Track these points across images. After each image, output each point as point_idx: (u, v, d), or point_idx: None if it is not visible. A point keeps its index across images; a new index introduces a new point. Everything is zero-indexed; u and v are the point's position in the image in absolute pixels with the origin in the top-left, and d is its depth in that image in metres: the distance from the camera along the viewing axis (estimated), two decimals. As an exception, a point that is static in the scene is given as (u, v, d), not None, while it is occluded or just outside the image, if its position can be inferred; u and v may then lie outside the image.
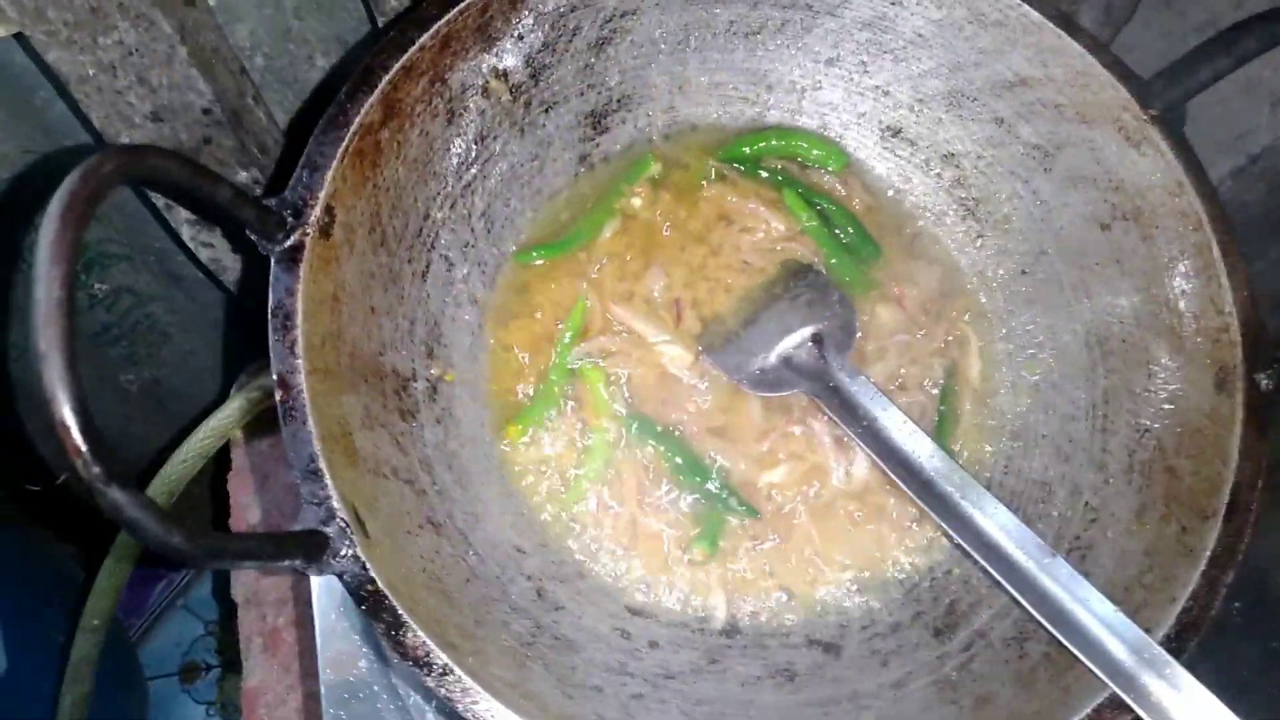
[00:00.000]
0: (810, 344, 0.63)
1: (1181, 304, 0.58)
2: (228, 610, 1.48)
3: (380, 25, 0.78)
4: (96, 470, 0.36)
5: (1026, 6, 0.61)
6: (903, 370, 0.66)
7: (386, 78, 0.56)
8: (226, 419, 0.96)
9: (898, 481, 0.58)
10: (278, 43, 0.88)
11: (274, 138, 0.85)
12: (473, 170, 0.63)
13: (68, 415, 0.35)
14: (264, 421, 0.96)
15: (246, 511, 0.98)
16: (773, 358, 0.64)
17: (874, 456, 0.59)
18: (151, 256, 1.14)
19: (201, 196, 0.47)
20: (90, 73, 0.67)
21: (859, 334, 0.65)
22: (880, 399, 0.60)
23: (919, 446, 0.58)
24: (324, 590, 0.66)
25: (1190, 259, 0.58)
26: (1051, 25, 0.61)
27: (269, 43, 0.87)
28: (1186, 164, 0.58)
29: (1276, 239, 1.03)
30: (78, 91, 0.69)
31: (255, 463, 1.01)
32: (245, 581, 0.90)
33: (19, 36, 0.73)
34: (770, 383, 0.63)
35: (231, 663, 1.41)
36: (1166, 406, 0.57)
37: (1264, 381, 0.54)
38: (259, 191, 0.82)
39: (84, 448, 0.35)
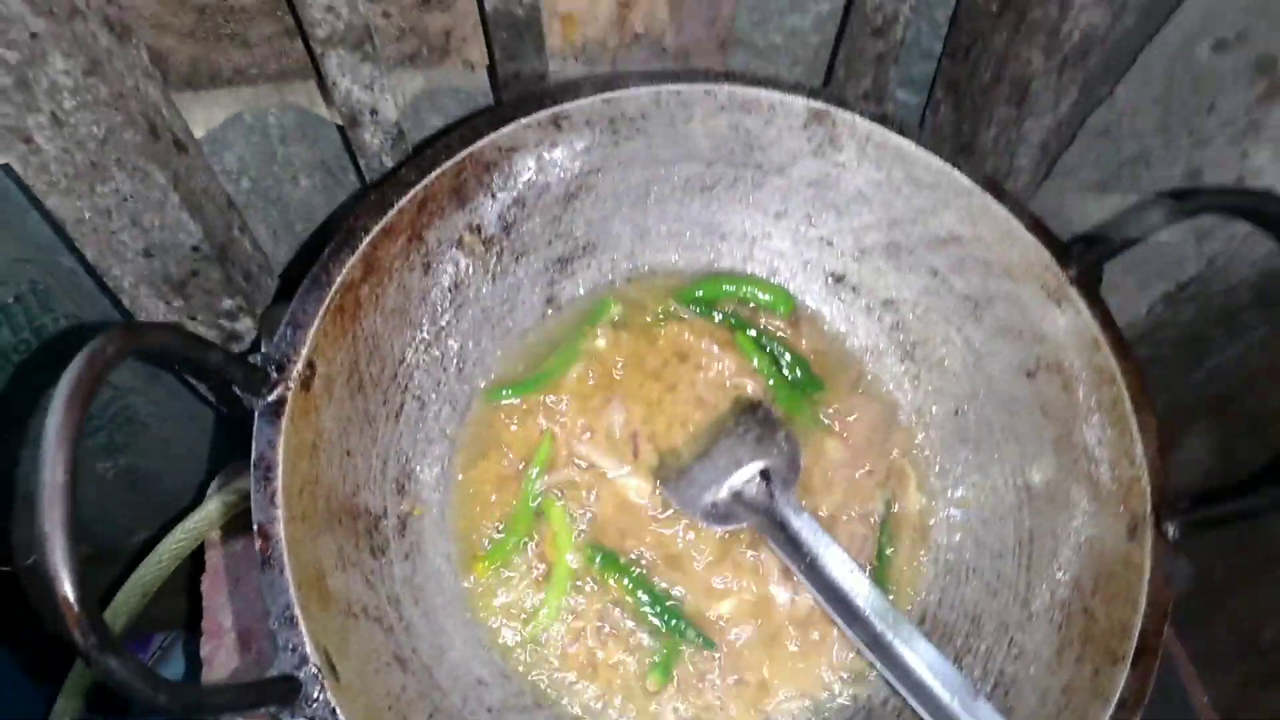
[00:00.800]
0: (759, 479, 0.68)
1: (1098, 452, 0.63)
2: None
3: (359, 161, 0.83)
4: (93, 640, 0.40)
5: (956, 172, 0.67)
6: (846, 502, 0.71)
7: (367, 239, 0.60)
8: (201, 522, 0.99)
9: (835, 618, 0.62)
10: (264, 166, 0.92)
11: (258, 263, 0.89)
12: (446, 316, 0.68)
13: (70, 593, 0.39)
14: (239, 524, 0.99)
15: (219, 613, 1.00)
16: (723, 491, 0.68)
17: (814, 592, 0.63)
18: (138, 358, 1.18)
19: (195, 362, 0.51)
20: (86, 216, 0.72)
21: (804, 468, 0.70)
22: (822, 536, 0.64)
23: (856, 585, 0.62)
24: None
25: (1105, 411, 0.63)
26: (979, 189, 0.67)
27: (255, 166, 0.92)
28: (1103, 322, 0.63)
29: (1204, 353, 1.09)
30: (74, 232, 0.73)
31: (229, 565, 1.02)
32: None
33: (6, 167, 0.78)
34: (721, 516, 0.67)
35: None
36: (1085, 550, 0.62)
37: (1171, 532, 0.58)
38: (243, 317, 0.86)
39: (83, 621, 0.39)
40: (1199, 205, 0.60)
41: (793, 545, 0.64)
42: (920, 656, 0.59)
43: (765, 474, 0.68)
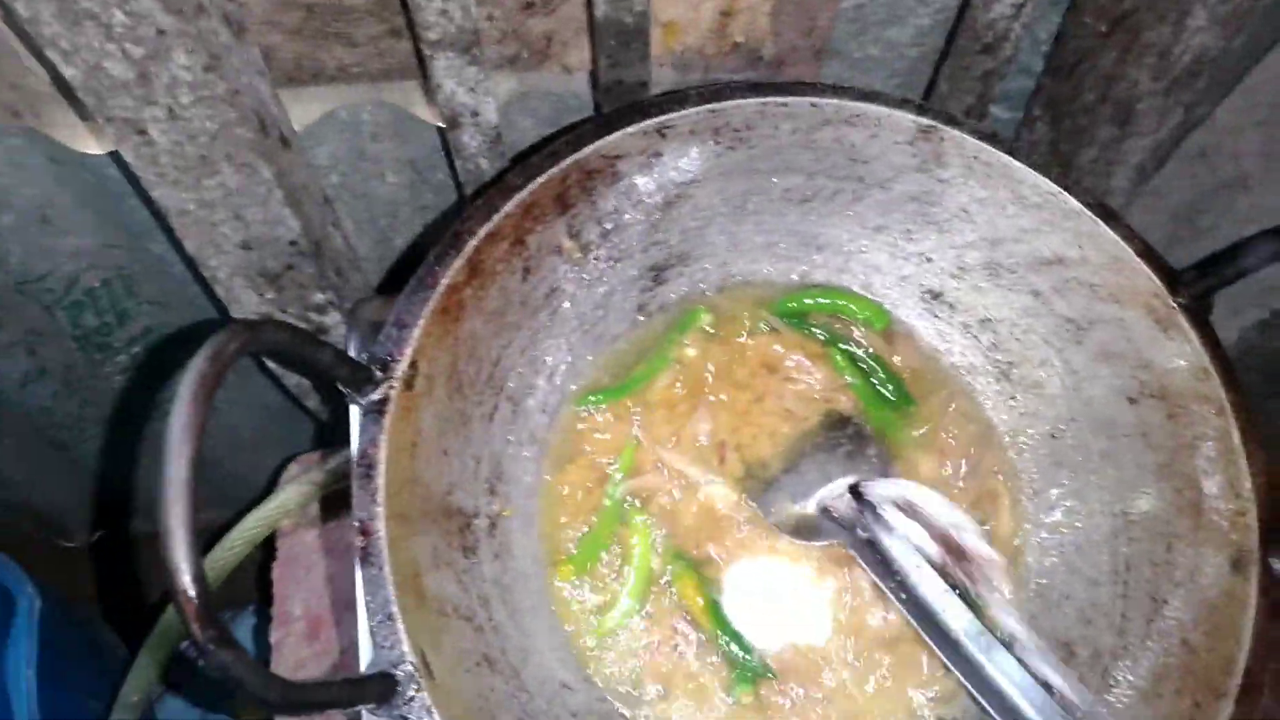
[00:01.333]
0: (848, 495, 0.67)
1: (1202, 483, 0.62)
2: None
3: (454, 162, 0.84)
4: (210, 633, 0.41)
5: (1065, 195, 0.66)
6: (936, 522, 0.70)
7: (473, 242, 0.61)
8: (276, 510, 1.01)
9: (926, 638, 0.61)
10: (353, 162, 0.94)
11: (348, 259, 0.91)
12: (542, 320, 0.68)
13: (189, 587, 0.40)
14: (310, 513, 1.01)
15: (289, 602, 1.02)
16: (811, 506, 0.67)
17: (904, 612, 0.62)
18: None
19: (306, 360, 0.52)
20: (191, 208, 0.73)
21: (895, 486, 0.69)
22: (914, 556, 0.63)
23: (949, 605, 0.61)
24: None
25: (1212, 441, 0.61)
26: (1089, 213, 0.65)
27: (346, 162, 0.93)
28: (1212, 352, 0.62)
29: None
30: (176, 223, 0.75)
31: (299, 554, 1.04)
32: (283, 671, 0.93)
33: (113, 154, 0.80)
34: (808, 531, 0.67)
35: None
36: (1186, 582, 0.61)
37: (1278, 566, 0.57)
38: (331, 311, 0.88)
39: (201, 616, 0.40)
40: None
41: (883, 564, 0.64)
42: (1011, 680, 0.58)
43: (855, 490, 0.67)
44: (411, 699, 0.50)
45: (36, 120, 0.81)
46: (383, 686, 0.50)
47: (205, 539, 0.98)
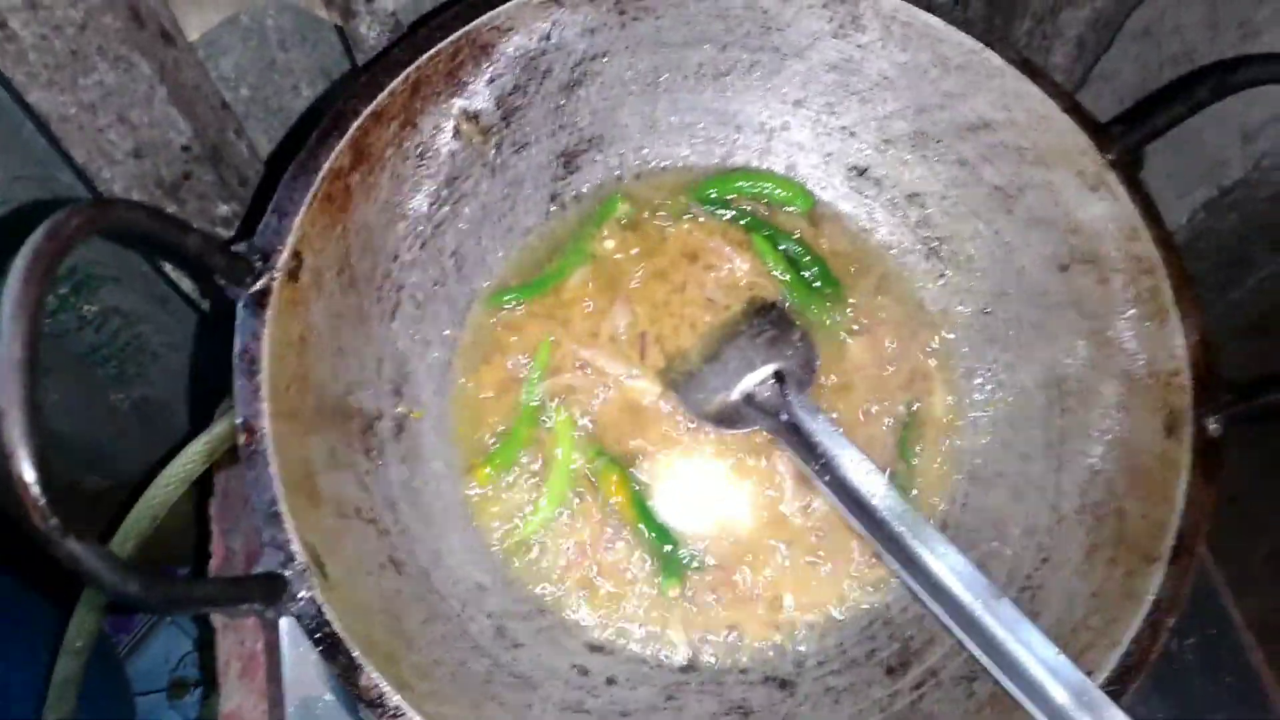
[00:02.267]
0: (772, 381, 0.64)
1: (1134, 347, 0.59)
2: (209, 629, 1.49)
3: (357, 62, 0.80)
4: (54, 523, 0.37)
5: (989, 51, 0.62)
6: (867, 405, 0.67)
7: (356, 123, 0.57)
8: (209, 443, 0.97)
9: (851, 520, 0.59)
10: (263, 74, 0.89)
11: (255, 170, 0.86)
12: (443, 210, 0.64)
13: (26, 471, 0.36)
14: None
15: (228, 537, 0.99)
16: (734, 394, 0.65)
17: (830, 494, 0.60)
18: (138, 279, 1.16)
19: (170, 245, 0.48)
20: (71, 112, 0.69)
21: (820, 370, 0.66)
22: (838, 437, 0.61)
23: (874, 486, 0.59)
24: (290, 623, 0.67)
25: (1144, 304, 0.59)
26: (1013, 70, 0.62)
27: (253, 74, 0.88)
28: (1143, 209, 0.59)
29: (1247, 268, 1.05)
30: (59, 130, 0.70)
31: (236, 488, 1.01)
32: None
33: (2, 76, 0.75)
34: (731, 419, 0.64)
35: (213, 682, 1.42)
36: (1118, 449, 0.58)
37: (1212, 426, 0.55)
38: (237, 225, 0.83)
39: (42, 503, 0.36)
40: (1251, 76, 0.55)
41: (807, 448, 0.61)
42: (941, 559, 0.56)
43: (779, 376, 0.64)
44: (300, 599, 0.47)
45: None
46: (269, 586, 0.47)
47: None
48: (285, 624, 0.67)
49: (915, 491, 0.65)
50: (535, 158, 0.68)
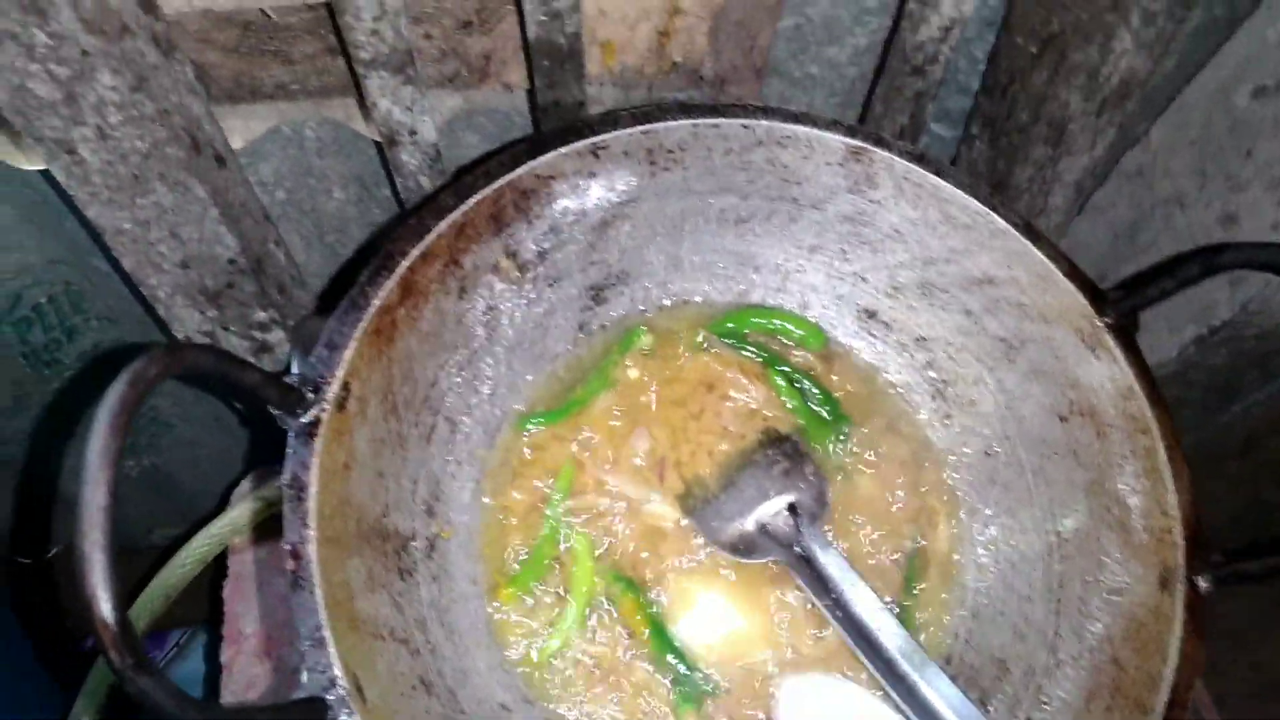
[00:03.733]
0: (785, 513, 0.68)
1: (1130, 501, 0.62)
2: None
3: (395, 182, 0.84)
4: (129, 662, 0.40)
5: (993, 214, 0.66)
6: (873, 539, 0.71)
7: (405, 263, 0.61)
8: (226, 527, 1.00)
9: (859, 655, 0.61)
10: (299, 179, 0.93)
11: (291, 275, 0.90)
12: (480, 340, 0.68)
13: (108, 615, 0.39)
14: (262, 530, 1.00)
15: (241, 620, 1.00)
16: (749, 524, 0.68)
17: (840, 629, 0.63)
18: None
19: (233, 383, 0.52)
20: (126, 227, 0.73)
21: (831, 505, 0.69)
22: (850, 574, 0.64)
23: (883, 623, 0.62)
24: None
25: (1139, 460, 0.62)
26: (1016, 233, 0.66)
27: (290, 179, 0.93)
28: (1137, 371, 0.63)
29: (1235, 394, 1.09)
30: (112, 241, 0.74)
31: (252, 570, 1.03)
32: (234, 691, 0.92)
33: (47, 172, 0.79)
34: (746, 549, 0.67)
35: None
36: (1115, 599, 0.62)
37: (1204, 585, 0.58)
38: (275, 329, 0.87)
39: (119, 643, 0.39)
40: (1232, 260, 0.60)
41: (819, 581, 0.64)
42: (944, 698, 0.59)
43: (793, 508, 0.67)
44: (341, 726, 0.50)
45: (-27, 137, 0.80)
46: (312, 711, 0.50)
47: (159, 556, 0.97)
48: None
49: (919, 628, 0.68)
50: (567, 290, 0.72)
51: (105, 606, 0.39)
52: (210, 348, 0.50)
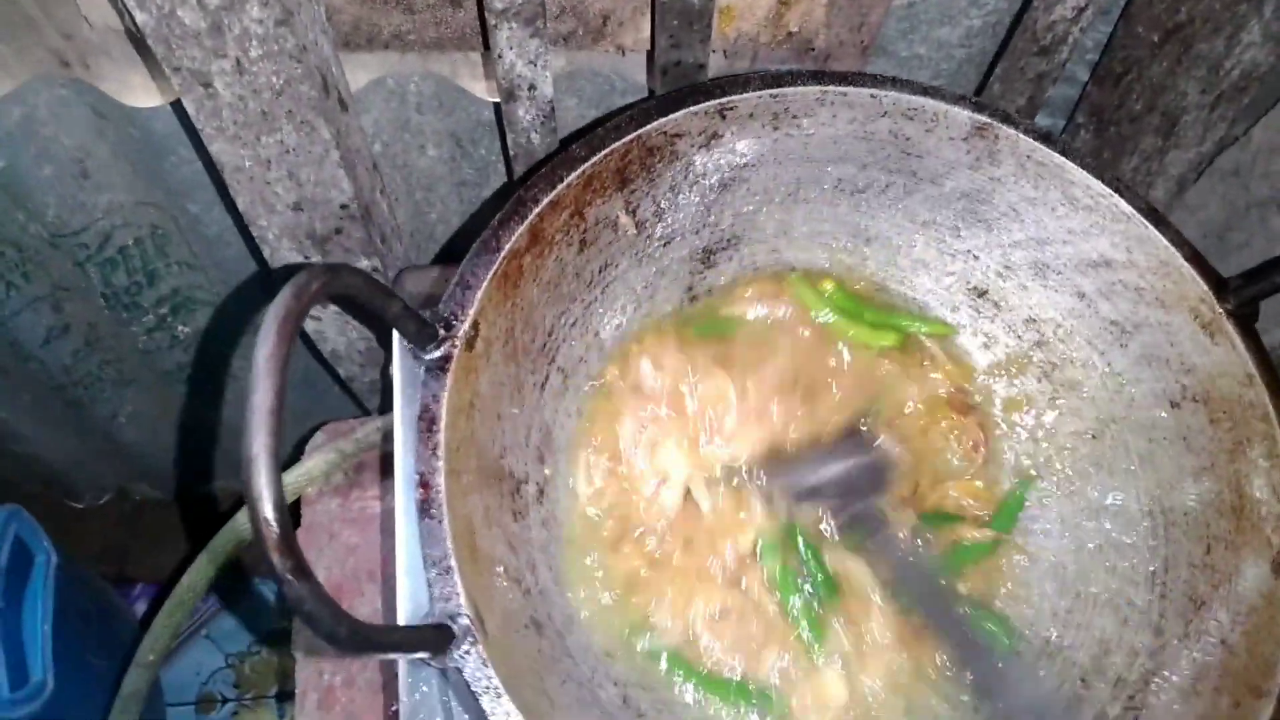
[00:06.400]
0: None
1: (1244, 488, 0.62)
2: (251, 646, 1.51)
3: (507, 137, 0.84)
4: (290, 563, 0.41)
5: (1117, 197, 0.67)
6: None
7: (536, 210, 0.61)
8: (302, 477, 1.01)
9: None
10: (396, 132, 0.94)
11: (391, 227, 0.91)
12: (594, 293, 0.69)
13: (271, 515, 0.40)
14: (334, 483, 1.01)
15: (313, 568, 1.02)
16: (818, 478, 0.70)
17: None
18: (240, 307, 1.20)
19: (377, 309, 0.53)
20: (246, 165, 0.73)
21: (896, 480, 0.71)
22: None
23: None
24: (408, 667, 0.70)
25: (1255, 446, 0.62)
26: (1140, 216, 0.66)
27: (388, 132, 0.94)
28: (1258, 359, 0.63)
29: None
30: (231, 179, 0.75)
31: (323, 522, 1.04)
32: (306, 634, 0.93)
33: (170, 105, 0.80)
34: (811, 495, 0.69)
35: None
36: (1224, 583, 0.62)
37: (1319, 572, 0.58)
38: (379, 276, 0.88)
39: (281, 544, 0.40)
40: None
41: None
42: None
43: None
44: (467, 652, 0.51)
45: (85, 71, 0.81)
46: (440, 636, 0.50)
47: (230, 505, 0.98)
48: (403, 668, 0.70)
49: (1019, 611, 0.68)
50: (679, 251, 0.72)
51: (269, 507, 0.40)
52: (363, 273, 0.51)
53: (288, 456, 1.13)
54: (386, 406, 1.04)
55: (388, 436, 0.98)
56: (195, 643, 1.54)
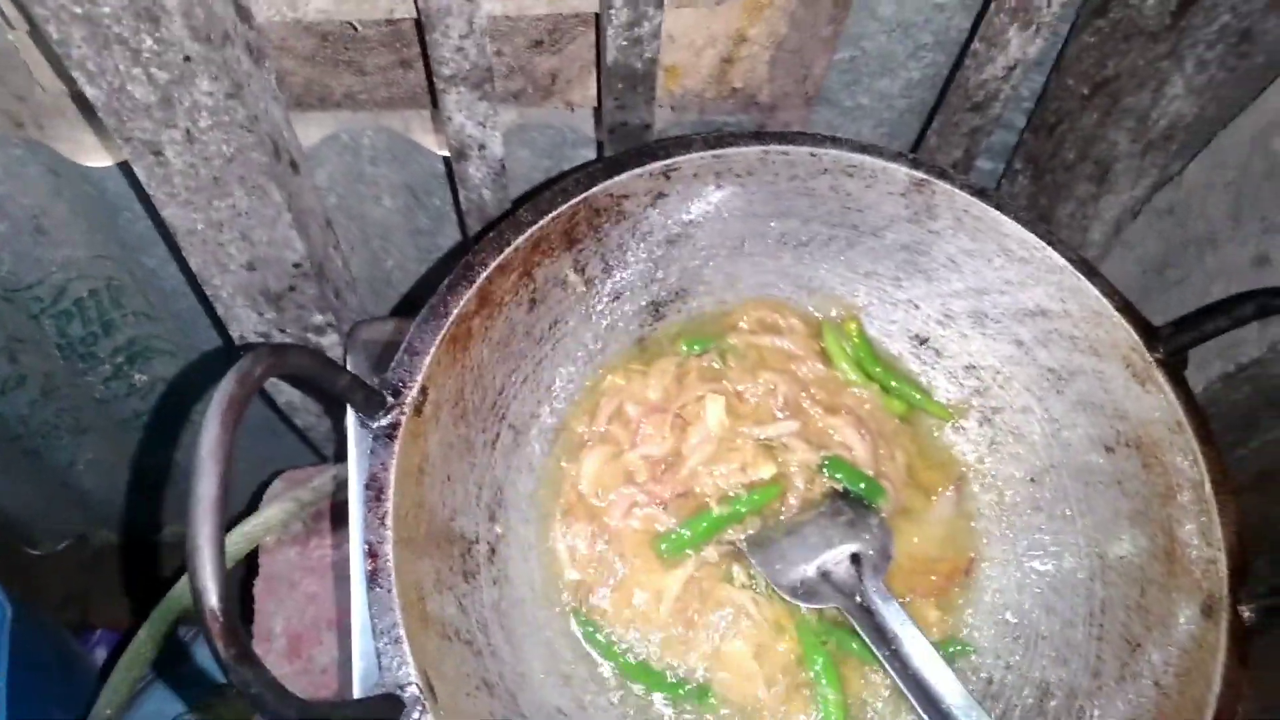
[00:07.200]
0: (848, 562, 0.69)
1: (1175, 531, 0.64)
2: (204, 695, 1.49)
3: (459, 194, 0.86)
4: (233, 652, 0.42)
5: (1050, 250, 0.69)
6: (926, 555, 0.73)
7: (484, 274, 0.62)
8: (259, 526, 1.01)
9: (916, 707, 0.63)
10: (350, 185, 0.95)
11: (346, 280, 0.92)
12: (545, 349, 0.70)
13: (216, 605, 0.41)
14: (292, 532, 1.02)
15: (270, 619, 1.02)
16: (812, 570, 0.69)
17: (897, 679, 0.64)
18: (196, 356, 1.20)
19: (324, 384, 0.54)
20: (199, 228, 0.74)
21: (894, 559, 0.70)
22: (910, 626, 0.65)
23: (942, 677, 0.63)
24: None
25: (1185, 492, 0.64)
26: (1072, 268, 0.68)
27: (342, 184, 0.95)
28: (1187, 406, 0.65)
29: (1253, 430, 1.11)
30: (184, 241, 0.76)
31: (283, 571, 1.05)
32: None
33: (121, 165, 0.80)
34: (807, 594, 0.68)
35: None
36: (1158, 625, 0.63)
37: (1247, 614, 0.60)
38: (330, 332, 0.89)
39: (226, 634, 0.41)
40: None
41: (878, 632, 0.66)
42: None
43: (855, 558, 0.69)
44: (416, 720, 0.51)
45: (39, 132, 0.82)
46: (389, 707, 0.51)
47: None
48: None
49: (963, 651, 0.70)
50: (628, 306, 0.73)
51: (213, 599, 0.41)
52: (309, 350, 0.52)
53: (245, 504, 1.13)
54: (343, 453, 1.05)
55: (343, 486, 0.99)
56: (154, 690, 1.52)
